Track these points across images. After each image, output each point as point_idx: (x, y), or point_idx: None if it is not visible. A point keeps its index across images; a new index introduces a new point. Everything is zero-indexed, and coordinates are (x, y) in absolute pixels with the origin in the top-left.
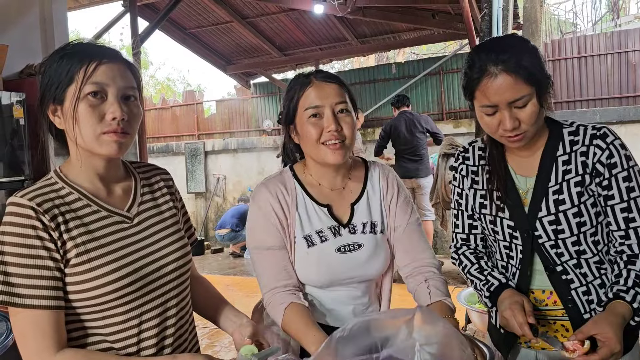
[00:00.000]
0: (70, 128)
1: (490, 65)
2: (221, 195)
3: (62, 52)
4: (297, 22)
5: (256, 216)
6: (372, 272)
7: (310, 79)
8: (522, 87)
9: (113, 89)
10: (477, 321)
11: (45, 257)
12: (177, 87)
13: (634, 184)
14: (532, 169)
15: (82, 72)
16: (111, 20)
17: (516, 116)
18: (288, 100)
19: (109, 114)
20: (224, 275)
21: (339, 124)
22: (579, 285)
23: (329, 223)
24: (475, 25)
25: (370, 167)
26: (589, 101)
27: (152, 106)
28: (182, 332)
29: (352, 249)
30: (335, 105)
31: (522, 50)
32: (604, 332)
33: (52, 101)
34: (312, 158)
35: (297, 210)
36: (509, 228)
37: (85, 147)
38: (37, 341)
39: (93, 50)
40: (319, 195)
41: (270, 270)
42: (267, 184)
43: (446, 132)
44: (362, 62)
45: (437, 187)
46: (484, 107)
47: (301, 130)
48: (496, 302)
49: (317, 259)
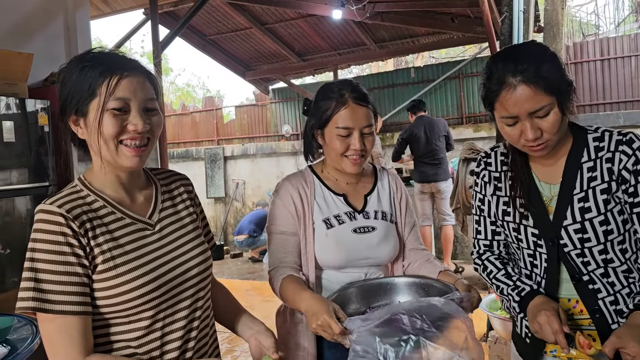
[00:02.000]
0: (95, 140)
1: (509, 76)
2: (240, 200)
3: (82, 62)
4: (316, 28)
5: (276, 204)
6: (384, 254)
7: (346, 100)
8: (542, 98)
9: (135, 102)
10: (499, 328)
11: (75, 264)
12: (196, 93)
13: None
14: (557, 176)
15: (105, 86)
16: (133, 28)
17: (538, 126)
18: (322, 111)
19: (131, 126)
20: (243, 280)
21: (364, 143)
22: (607, 294)
23: (345, 209)
24: (496, 28)
25: (379, 171)
26: (613, 104)
27: (172, 112)
28: (203, 336)
29: (367, 230)
30: (363, 128)
31: (541, 59)
32: (630, 346)
33: (75, 113)
34: (331, 163)
35: (315, 199)
36: (534, 236)
37: (107, 159)
38: (66, 347)
39: (114, 61)
40: (335, 187)
41: (278, 252)
42: (289, 178)
43: (466, 136)
44: (380, 66)
45: (457, 192)
46: (505, 119)
47: (329, 140)
48: (526, 308)
49: (335, 239)
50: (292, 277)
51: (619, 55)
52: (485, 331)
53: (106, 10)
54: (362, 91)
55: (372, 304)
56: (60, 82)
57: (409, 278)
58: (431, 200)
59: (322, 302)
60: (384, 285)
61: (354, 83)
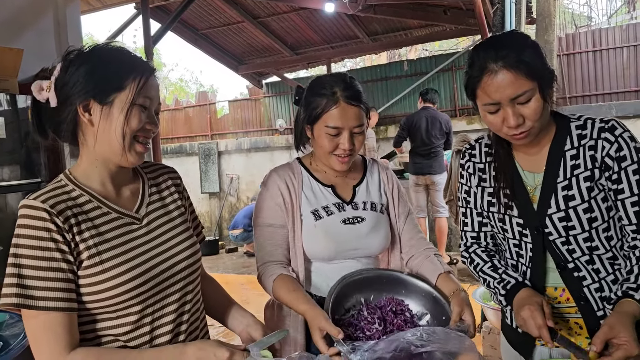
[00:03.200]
0: (109, 130)
1: (490, 62)
2: (235, 195)
3: (106, 52)
4: (308, 21)
5: (263, 196)
6: (373, 245)
7: (337, 99)
8: (523, 83)
9: (154, 103)
10: (492, 319)
11: (59, 259)
12: (189, 88)
13: None
14: (540, 165)
15: (136, 82)
16: (124, 22)
17: (520, 112)
18: (312, 107)
19: (149, 125)
20: (238, 274)
21: (353, 142)
22: (592, 282)
23: (333, 200)
24: (488, 20)
25: (368, 162)
26: (605, 95)
27: (166, 107)
28: (193, 329)
29: (356, 221)
30: (353, 128)
31: (522, 46)
32: (621, 336)
33: (93, 97)
34: (319, 158)
35: (302, 191)
36: (519, 226)
37: (113, 152)
38: (50, 343)
39: (141, 61)
40: (324, 178)
41: (267, 246)
42: (276, 169)
43: (459, 128)
44: (373, 59)
45: (450, 183)
46: (487, 105)
47: (317, 137)
48: (512, 301)
49: (324, 230)
50: (283, 277)
51: (611, 46)
52: (479, 322)
53: (97, 5)
54: (356, 89)
55: (369, 297)
56: (67, 66)
57: (413, 278)
58: (425, 192)
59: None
60: (383, 279)
61: (348, 80)
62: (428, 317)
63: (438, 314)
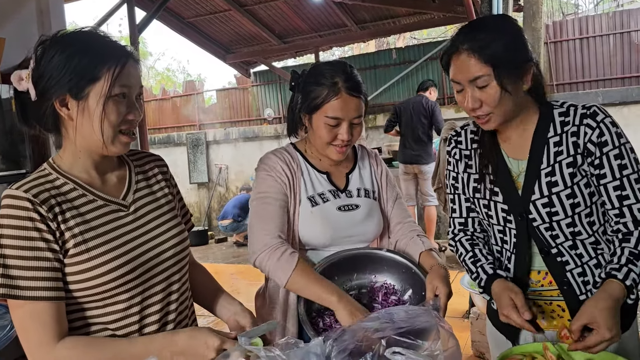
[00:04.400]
0: (89, 125)
1: (458, 43)
2: (224, 185)
3: (75, 41)
4: (296, 9)
5: (264, 175)
6: (368, 232)
7: (338, 89)
8: (480, 67)
9: (133, 90)
10: (480, 305)
11: (44, 249)
12: (177, 78)
13: (626, 162)
14: (524, 151)
15: (111, 72)
16: (109, 11)
17: (477, 96)
18: (312, 97)
19: (131, 115)
20: (228, 264)
21: (352, 133)
22: (574, 266)
23: (328, 187)
24: (476, 8)
25: (358, 149)
26: (592, 82)
27: (153, 97)
28: (182, 318)
29: (351, 208)
30: (353, 119)
31: (494, 30)
32: (595, 322)
33: (68, 92)
34: (316, 147)
35: (302, 175)
36: (503, 212)
37: (96, 145)
38: (38, 333)
39: (114, 47)
40: (319, 165)
41: (277, 219)
42: (274, 152)
43: (448, 116)
44: (362, 48)
45: (439, 171)
46: (453, 83)
47: (316, 127)
48: (490, 294)
49: (320, 217)
50: (304, 265)
51: (597, 33)
52: (468, 308)
53: None
54: (357, 79)
55: (352, 277)
56: (40, 58)
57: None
58: (414, 181)
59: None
60: (362, 257)
61: (348, 70)
62: (410, 292)
63: (418, 289)
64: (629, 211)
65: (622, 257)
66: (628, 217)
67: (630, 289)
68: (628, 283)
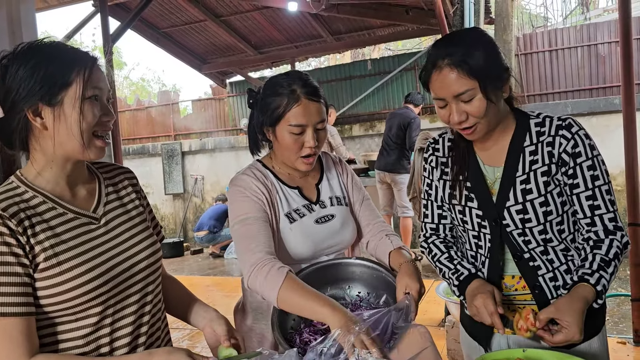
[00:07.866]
0: (65, 130)
1: (439, 59)
2: (199, 196)
3: (38, 52)
4: (272, 20)
5: (240, 198)
6: (346, 239)
7: (298, 96)
8: (465, 82)
9: (103, 93)
10: (455, 313)
11: (14, 264)
12: (152, 88)
13: (598, 173)
14: (500, 159)
15: (81, 75)
16: (81, 20)
17: (463, 109)
18: (272, 108)
19: (104, 117)
20: (204, 276)
21: (317, 139)
22: (546, 271)
23: (302, 202)
24: (448, 20)
25: (322, 157)
26: (561, 93)
27: (127, 107)
28: (155, 330)
29: (327, 219)
30: (317, 123)
31: (472, 44)
32: (565, 320)
33: (40, 100)
34: (283, 160)
35: (277, 193)
36: (478, 217)
37: (74, 151)
38: (8, 350)
39: (79, 52)
40: (288, 179)
41: (261, 237)
42: (245, 172)
43: (423, 126)
44: (338, 59)
45: (414, 181)
46: (436, 100)
47: (281, 139)
48: (465, 291)
49: (300, 232)
50: (293, 279)
51: (566, 46)
52: (443, 317)
53: (53, 2)
54: (313, 85)
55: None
56: (3, 74)
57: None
58: (390, 191)
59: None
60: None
61: (304, 76)
62: (385, 296)
63: (392, 291)
64: (600, 220)
65: (593, 263)
66: (599, 226)
67: (600, 294)
68: (599, 288)
